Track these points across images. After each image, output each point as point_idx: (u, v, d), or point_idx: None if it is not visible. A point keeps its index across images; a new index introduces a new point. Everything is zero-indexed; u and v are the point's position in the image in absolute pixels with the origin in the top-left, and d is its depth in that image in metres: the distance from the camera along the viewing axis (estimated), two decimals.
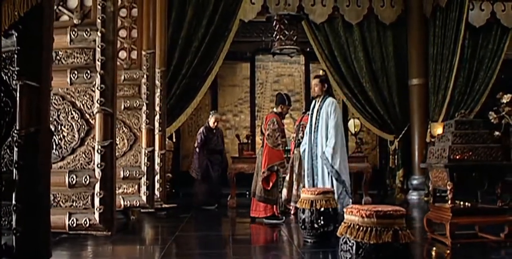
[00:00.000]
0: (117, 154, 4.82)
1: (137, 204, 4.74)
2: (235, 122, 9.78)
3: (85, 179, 3.29)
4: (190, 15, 7.21)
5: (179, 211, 6.79)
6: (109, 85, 3.29)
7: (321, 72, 5.53)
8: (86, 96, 3.37)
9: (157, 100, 5.57)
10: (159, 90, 5.59)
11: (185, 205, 7.41)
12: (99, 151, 3.26)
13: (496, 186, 4.21)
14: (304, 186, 5.43)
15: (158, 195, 5.50)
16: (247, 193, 7.95)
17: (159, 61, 5.63)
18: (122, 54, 4.87)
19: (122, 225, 5.65)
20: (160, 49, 5.63)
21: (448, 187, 4.13)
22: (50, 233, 2.37)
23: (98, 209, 3.24)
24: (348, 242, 2.57)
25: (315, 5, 8.49)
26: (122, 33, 4.88)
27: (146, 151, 4.75)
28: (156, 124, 5.55)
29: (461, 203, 4.33)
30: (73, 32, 3.35)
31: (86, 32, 3.33)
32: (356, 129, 8.61)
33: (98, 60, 3.28)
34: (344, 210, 4.61)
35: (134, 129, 4.82)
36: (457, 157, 4.17)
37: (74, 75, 3.35)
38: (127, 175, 4.76)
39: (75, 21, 3.38)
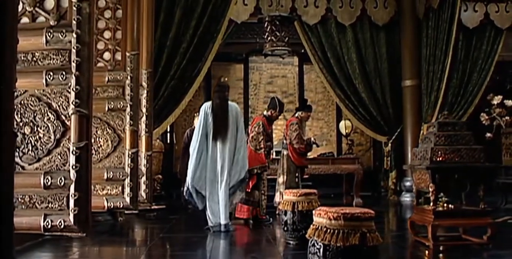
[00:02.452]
0: (101, 155, 4.84)
1: (121, 206, 4.73)
2: None
3: (60, 181, 3.28)
4: (178, 16, 7.20)
5: (169, 212, 6.80)
6: (84, 86, 3.28)
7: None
8: (62, 98, 3.36)
9: (144, 102, 5.57)
10: (145, 92, 5.58)
11: (176, 206, 7.42)
12: (74, 152, 3.25)
13: (479, 187, 4.18)
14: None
15: (145, 197, 5.49)
16: None
17: (145, 62, 5.62)
18: (107, 56, 4.87)
19: (109, 226, 5.66)
20: (147, 50, 5.62)
21: (430, 189, 4.11)
22: (13, 235, 2.35)
23: (72, 210, 3.23)
24: (316, 244, 2.56)
25: (308, 6, 8.48)
26: (107, 34, 4.88)
27: (130, 153, 4.75)
28: (143, 126, 5.55)
29: (444, 205, 4.31)
30: (49, 34, 3.34)
31: (62, 34, 3.32)
32: (347, 131, 8.59)
33: (73, 62, 3.27)
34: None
35: (118, 131, 4.81)
36: (440, 158, 4.15)
37: (49, 76, 3.35)
38: (111, 176, 4.75)
39: (51, 23, 3.37)
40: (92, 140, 4.81)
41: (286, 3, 8.38)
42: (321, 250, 2.50)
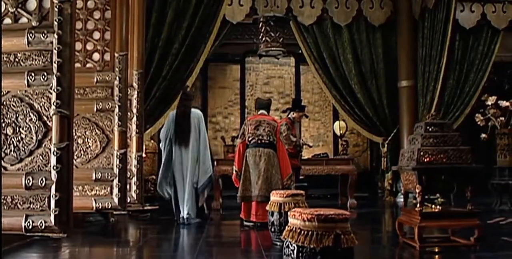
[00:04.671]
0: (89, 156, 4.84)
1: (109, 206, 4.72)
2: (225, 124, 9.78)
3: (41, 181, 3.27)
4: (170, 17, 7.20)
5: (163, 213, 6.77)
6: (66, 87, 3.27)
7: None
8: (44, 98, 3.36)
9: (134, 102, 5.57)
10: (136, 92, 5.58)
11: (170, 207, 7.40)
12: (55, 153, 3.25)
13: (466, 188, 4.15)
14: None
15: (135, 197, 5.48)
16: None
17: (136, 63, 5.62)
18: (96, 56, 4.88)
19: (100, 227, 5.67)
20: (137, 51, 5.62)
21: (417, 190, 4.09)
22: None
23: (53, 211, 3.22)
24: (290, 246, 2.55)
25: (304, 6, 8.46)
26: (96, 35, 4.89)
27: (118, 153, 4.74)
28: (133, 126, 5.55)
29: (432, 206, 4.29)
30: (31, 34, 3.34)
31: (43, 34, 3.32)
32: (341, 131, 8.56)
33: (54, 62, 3.27)
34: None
35: (107, 131, 4.81)
36: (426, 159, 4.13)
37: (31, 77, 3.34)
38: (99, 177, 4.74)
39: (34, 23, 3.37)
40: (81, 141, 4.84)
41: (282, 4, 8.36)
42: (295, 251, 2.49)
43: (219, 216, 6.69)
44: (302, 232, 2.49)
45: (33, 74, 3.35)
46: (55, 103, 3.27)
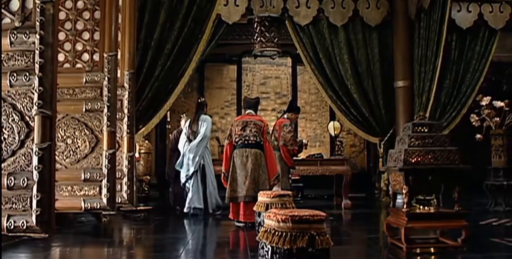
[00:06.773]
0: (78, 156, 4.85)
1: (98, 206, 4.73)
2: (221, 124, 9.77)
3: (23, 181, 3.28)
4: (163, 17, 7.18)
5: (158, 214, 6.79)
6: (48, 87, 3.29)
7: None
8: (26, 99, 3.38)
9: (126, 103, 5.57)
10: (127, 93, 5.58)
11: (165, 208, 7.43)
12: (37, 153, 3.26)
13: (453, 189, 4.13)
14: None
15: (126, 198, 5.48)
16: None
17: (128, 64, 5.62)
18: (85, 57, 4.88)
19: (91, 227, 5.68)
20: (128, 51, 5.62)
21: (404, 191, 4.07)
22: None
23: (35, 211, 3.23)
24: (264, 247, 2.54)
25: (300, 7, 8.41)
26: (85, 35, 4.89)
27: (107, 154, 4.75)
28: (125, 127, 5.55)
29: (420, 207, 4.26)
30: (13, 35, 3.36)
31: (26, 35, 3.34)
32: (336, 132, 8.53)
33: (36, 63, 3.28)
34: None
35: (96, 132, 4.82)
36: (413, 160, 4.10)
37: (13, 77, 3.36)
38: (88, 177, 4.75)
39: (16, 24, 3.39)
40: (70, 141, 4.85)
41: (278, 4, 8.31)
42: (269, 252, 2.48)
43: (213, 217, 6.69)
44: (277, 233, 2.48)
45: (15, 75, 3.37)
46: (37, 104, 3.28)
